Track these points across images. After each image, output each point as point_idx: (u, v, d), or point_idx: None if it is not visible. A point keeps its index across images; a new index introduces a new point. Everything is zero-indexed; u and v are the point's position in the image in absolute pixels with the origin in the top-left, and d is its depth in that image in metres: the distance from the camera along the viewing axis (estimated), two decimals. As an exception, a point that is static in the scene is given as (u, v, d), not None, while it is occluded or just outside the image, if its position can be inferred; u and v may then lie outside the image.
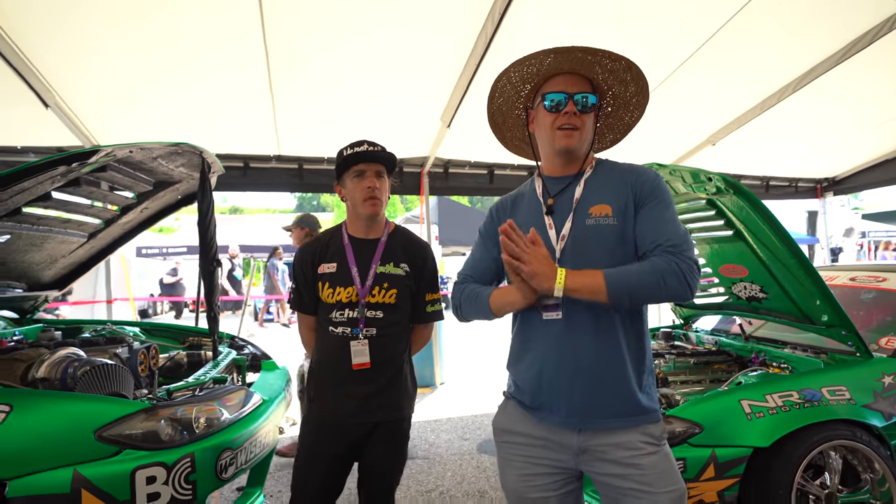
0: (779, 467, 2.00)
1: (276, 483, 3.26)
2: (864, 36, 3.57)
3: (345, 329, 1.71)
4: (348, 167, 1.73)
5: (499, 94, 1.47)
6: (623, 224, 1.31)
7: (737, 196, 2.22)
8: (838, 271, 3.19)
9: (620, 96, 1.43)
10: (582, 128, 1.33)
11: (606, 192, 1.35)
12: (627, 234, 1.31)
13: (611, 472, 1.28)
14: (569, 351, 1.29)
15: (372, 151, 1.71)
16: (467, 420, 4.51)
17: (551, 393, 1.31)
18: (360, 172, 1.71)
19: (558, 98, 1.33)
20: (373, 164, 1.72)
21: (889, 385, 2.22)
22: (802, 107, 4.54)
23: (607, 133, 1.52)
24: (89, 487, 1.62)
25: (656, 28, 3.48)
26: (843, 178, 6.66)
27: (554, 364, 1.30)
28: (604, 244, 1.30)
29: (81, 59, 3.39)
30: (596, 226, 1.31)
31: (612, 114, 1.47)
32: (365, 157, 1.71)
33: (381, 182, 1.74)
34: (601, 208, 1.32)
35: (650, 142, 5.28)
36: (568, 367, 1.29)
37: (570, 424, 1.30)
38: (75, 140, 4.12)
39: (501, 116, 1.53)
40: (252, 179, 5.00)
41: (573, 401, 1.29)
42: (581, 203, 1.35)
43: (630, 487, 1.26)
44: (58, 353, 2.25)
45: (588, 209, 1.33)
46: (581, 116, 1.33)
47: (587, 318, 1.29)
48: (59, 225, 2.70)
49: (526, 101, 1.46)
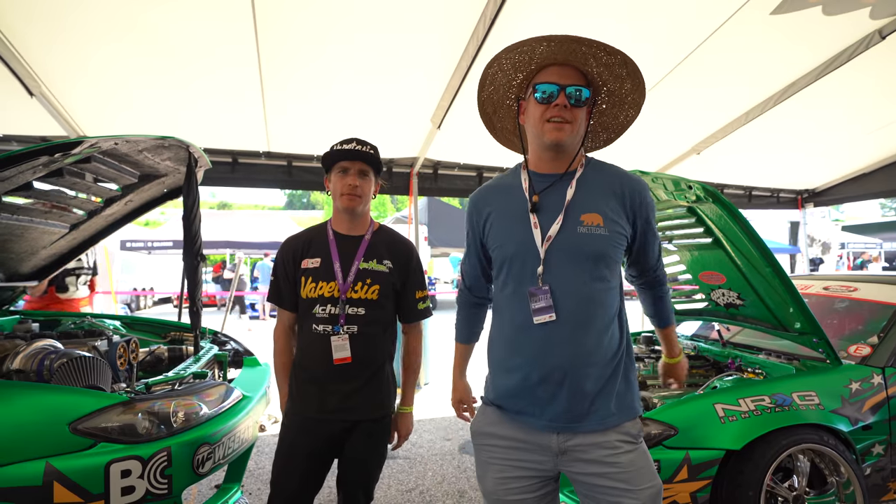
0: (749, 470, 2.04)
1: (255, 481, 3.25)
2: (844, 52, 3.68)
3: (326, 326, 1.71)
4: (335, 162, 1.76)
5: (489, 82, 1.42)
6: (613, 234, 1.31)
7: (715, 204, 2.27)
8: (813, 280, 3.27)
9: (616, 93, 1.39)
10: (573, 122, 1.28)
11: (598, 199, 1.33)
12: (616, 242, 1.32)
13: (590, 472, 1.28)
14: (551, 356, 1.28)
15: (356, 150, 1.74)
16: (450, 420, 4.52)
17: (534, 398, 1.30)
18: (344, 169, 1.75)
19: (550, 89, 1.28)
20: (357, 162, 1.74)
21: (856, 391, 2.28)
22: (785, 119, 4.66)
23: (601, 132, 1.48)
24: (62, 480, 1.61)
25: (643, 38, 3.55)
26: (824, 190, 6.82)
27: (537, 369, 1.29)
28: (591, 253, 1.29)
29: (68, 48, 3.35)
30: (588, 234, 1.29)
31: (606, 111, 1.43)
32: (349, 156, 1.74)
33: (365, 181, 1.76)
34: (593, 217, 1.30)
35: (637, 149, 5.36)
36: (551, 372, 1.28)
37: (554, 427, 1.30)
38: (60, 130, 4.07)
39: (492, 106, 1.47)
40: (241, 175, 4.97)
41: (555, 405, 1.29)
42: (572, 206, 1.31)
43: (609, 486, 1.27)
44: (34, 344, 2.23)
45: (580, 215, 1.31)
46: (573, 110, 1.28)
47: (569, 322, 1.28)
48: (41, 215, 2.67)
49: (518, 90, 1.41)
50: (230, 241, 14.36)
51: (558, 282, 1.29)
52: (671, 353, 1.72)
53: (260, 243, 14.85)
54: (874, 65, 3.83)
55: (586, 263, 1.30)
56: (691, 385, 2.78)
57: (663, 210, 2.71)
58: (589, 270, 1.29)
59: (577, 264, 1.29)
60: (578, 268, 1.29)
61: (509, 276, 1.36)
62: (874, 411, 2.28)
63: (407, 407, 1.90)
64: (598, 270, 1.30)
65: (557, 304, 1.28)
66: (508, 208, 1.38)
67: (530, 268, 1.31)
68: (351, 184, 1.73)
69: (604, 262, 1.31)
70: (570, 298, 1.29)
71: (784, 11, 3.25)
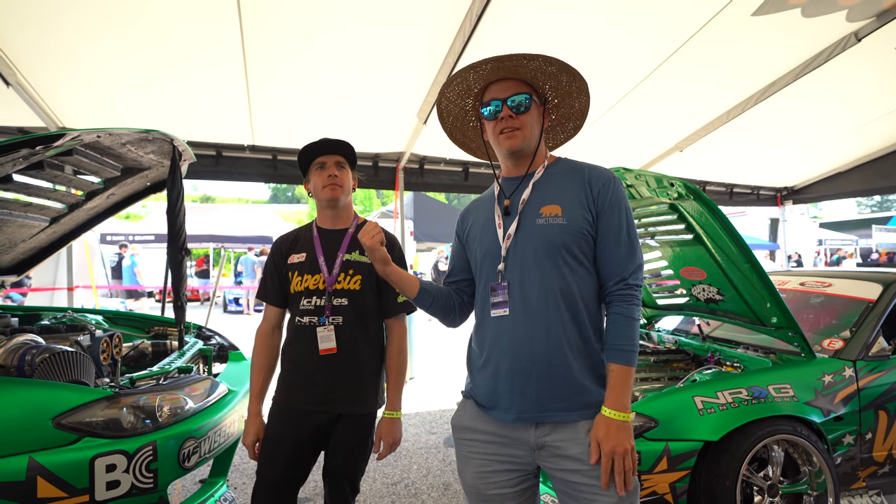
0: (727, 460, 2.10)
1: (241, 475, 3.24)
2: (821, 54, 3.77)
3: (311, 318, 1.74)
4: (311, 160, 1.82)
5: (447, 114, 1.55)
6: (573, 223, 1.33)
7: (696, 201, 2.32)
8: (790, 276, 3.36)
9: (559, 88, 1.45)
10: (522, 127, 1.37)
11: (558, 192, 1.38)
12: (576, 230, 1.33)
13: (566, 468, 1.29)
14: (519, 348, 1.32)
15: (329, 140, 1.79)
16: (435, 414, 4.56)
17: (504, 391, 1.33)
18: (322, 164, 1.80)
19: (494, 105, 1.39)
20: (332, 155, 1.80)
21: (829, 384, 2.36)
22: (764, 118, 4.75)
23: (566, 122, 1.54)
24: (45, 475, 1.60)
25: (627, 36, 3.59)
26: (802, 188, 6.98)
27: (506, 362, 1.33)
28: (551, 243, 1.33)
29: (45, 37, 3.27)
30: (545, 225, 1.34)
31: (561, 104, 1.49)
32: (322, 147, 1.79)
33: (343, 172, 1.81)
34: (551, 208, 1.35)
35: (620, 146, 5.43)
36: (519, 364, 1.31)
37: (525, 420, 1.32)
38: (38, 121, 3.98)
39: (459, 132, 1.60)
40: (224, 168, 4.91)
41: (524, 397, 1.31)
42: (530, 203, 1.38)
43: (584, 483, 1.27)
44: (14, 339, 2.19)
45: (539, 209, 1.36)
46: (519, 117, 1.37)
47: (535, 315, 1.31)
48: (20, 208, 2.62)
49: (475, 113, 1.52)
50: (214, 234, 14.17)
51: (517, 277, 1.35)
52: (612, 402, 1.27)
53: (244, 237, 14.70)
54: (851, 66, 3.93)
55: (547, 255, 1.33)
56: (672, 378, 2.85)
57: (646, 207, 2.76)
58: (550, 262, 1.32)
59: (537, 258, 1.33)
60: (539, 261, 1.33)
61: (481, 276, 1.44)
62: (845, 403, 2.36)
63: (393, 412, 1.79)
64: (560, 262, 1.32)
65: (514, 298, 1.34)
66: (485, 216, 1.47)
67: (495, 265, 1.39)
68: (330, 174, 1.78)
69: (566, 251, 1.32)
70: (528, 293, 1.33)
71: (765, 13, 3.32)
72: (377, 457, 1.79)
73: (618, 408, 1.26)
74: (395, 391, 1.82)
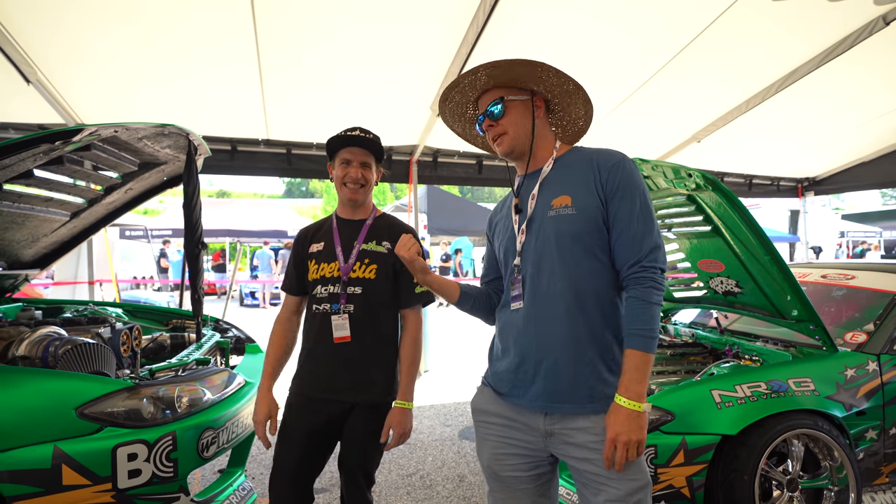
0: (745, 454, 2.07)
1: (258, 466, 3.29)
2: (846, 39, 3.66)
3: (326, 305, 1.76)
4: (337, 150, 1.81)
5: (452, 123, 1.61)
6: (583, 212, 1.31)
7: (715, 192, 2.28)
8: (811, 269, 3.28)
9: (552, 88, 1.42)
10: (506, 132, 1.40)
11: (568, 181, 1.36)
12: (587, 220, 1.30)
13: (576, 456, 1.29)
14: (529, 340, 1.34)
15: (360, 136, 1.78)
16: (450, 407, 4.57)
17: (516, 381, 1.37)
18: (347, 161, 1.80)
19: (479, 121, 1.46)
20: (359, 153, 1.79)
21: (851, 378, 2.31)
22: (785, 107, 4.64)
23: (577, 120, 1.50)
24: (70, 463, 1.64)
25: (644, 26, 3.52)
26: (823, 179, 6.82)
27: (518, 353, 1.36)
28: (562, 235, 1.32)
29: (65, 35, 3.33)
30: (556, 217, 1.34)
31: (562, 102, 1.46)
32: (353, 141, 1.78)
33: (367, 171, 1.82)
34: (562, 199, 1.35)
35: (637, 138, 5.35)
36: (529, 355, 1.34)
37: (535, 407, 1.34)
38: (58, 118, 4.05)
39: (469, 136, 1.65)
40: (239, 163, 4.96)
41: (536, 386, 1.33)
42: (541, 197, 1.39)
43: (593, 472, 1.27)
44: (38, 331, 2.24)
45: (550, 201, 1.36)
46: (500, 122, 1.40)
47: (544, 307, 1.33)
48: (41, 203, 2.67)
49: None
50: (230, 229, 14.37)
51: (529, 271, 1.37)
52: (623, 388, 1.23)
53: (259, 231, 14.87)
54: (877, 52, 3.81)
55: (557, 248, 1.32)
56: (689, 372, 2.82)
57: (663, 198, 2.71)
58: (565, 254, 1.32)
59: (548, 251, 1.34)
60: (549, 255, 1.33)
61: (505, 271, 1.48)
62: (868, 397, 2.31)
63: (404, 402, 1.75)
64: (574, 252, 1.31)
65: (527, 291, 1.37)
66: (506, 214, 1.52)
67: (514, 260, 1.42)
68: (353, 176, 1.79)
69: (579, 241, 1.31)
70: (538, 286, 1.35)
71: (787, -3, 3.23)
72: (386, 446, 1.76)
73: (629, 395, 1.21)
74: (408, 381, 1.79)
